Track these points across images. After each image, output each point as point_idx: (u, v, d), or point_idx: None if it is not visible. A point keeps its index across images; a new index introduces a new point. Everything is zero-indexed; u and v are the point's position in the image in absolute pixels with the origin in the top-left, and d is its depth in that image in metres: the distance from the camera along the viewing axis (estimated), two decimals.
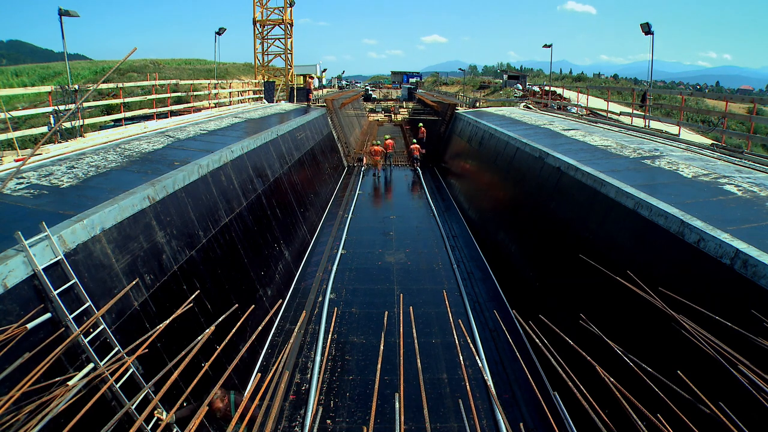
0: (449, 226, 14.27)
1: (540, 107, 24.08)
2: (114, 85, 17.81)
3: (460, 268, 10.77)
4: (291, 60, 29.81)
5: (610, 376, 3.58)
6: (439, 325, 8.17)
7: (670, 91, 32.75)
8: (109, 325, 4.47)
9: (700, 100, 30.45)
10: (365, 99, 52.08)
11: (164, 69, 37.33)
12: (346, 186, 19.86)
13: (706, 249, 4.70)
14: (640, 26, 16.58)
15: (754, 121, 12.71)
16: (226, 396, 4.11)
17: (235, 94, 24.13)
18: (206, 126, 12.91)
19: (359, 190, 18.50)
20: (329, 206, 16.46)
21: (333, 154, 21.83)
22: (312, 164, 16.76)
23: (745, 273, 4.12)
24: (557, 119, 17.10)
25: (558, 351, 4.13)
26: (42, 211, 5.03)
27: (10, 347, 3.27)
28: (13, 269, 3.70)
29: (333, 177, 19.61)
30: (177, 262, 6.04)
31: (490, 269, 10.70)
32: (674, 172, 7.68)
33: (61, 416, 3.14)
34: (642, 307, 4.76)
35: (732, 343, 3.63)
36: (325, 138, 21.14)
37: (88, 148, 8.87)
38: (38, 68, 43.47)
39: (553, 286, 7.63)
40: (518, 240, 10.08)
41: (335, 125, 23.95)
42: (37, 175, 6.50)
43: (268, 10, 29.19)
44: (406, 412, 4.62)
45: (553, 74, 35.13)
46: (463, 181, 18.24)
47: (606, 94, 22.50)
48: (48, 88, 11.11)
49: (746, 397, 3.28)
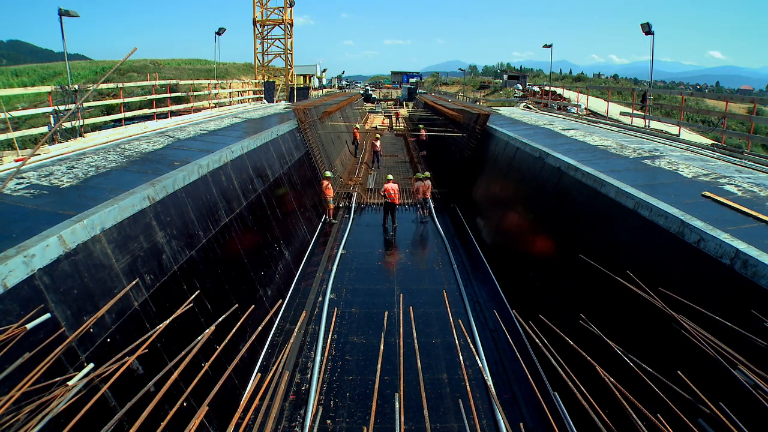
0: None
1: (540, 107, 24.07)
2: (114, 85, 17.84)
3: (460, 269, 10.77)
4: (291, 60, 29.80)
5: (610, 376, 3.58)
6: (439, 325, 8.17)
7: (670, 91, 32.76)
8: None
9: (700, 100, 30.45)
10: (365, 99, 52.05)
11: (164, 69, 37.32)
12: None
13: (706, 249, 4.70)
14: (640, 26, 16.59)
15: (754, 121, 12.72)
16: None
17: (235, 95, 24.13)
18: (206, 126, 12.92)
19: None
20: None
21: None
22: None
23: (745, 273, 4.12)
24: (557, 119, 17.11)
25: (558, 351, 4.13)
26: (42, 211, 5.03)
27: (10, 347, 3.28)
28: (13, 269, 3.70)
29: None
30: (177, 262, 6.04)
31: (490, 269, 10.70)
32: (674, 172, 7.68)
33: (61, 416, 3.14)
34: (642, 307, 4.76)
35: (732, 343, 3.63)
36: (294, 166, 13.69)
37: (88, 148, 8.87)
38: (38, 68, 43.47)
39: (553, 286, 7.63)
40: (518, 240, 10.08)
41: (312, 146, 15.94)
42: (37, 175, 6.50)
43: (268, 10, 29.22)
44: (406, 412, 4.62)
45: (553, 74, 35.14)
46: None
47: (606, 94, 22.50)
48: (48, 88, 11.12)
49: (746, 397, 3.28)
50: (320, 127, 18.68)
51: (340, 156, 22.08)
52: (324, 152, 17.71)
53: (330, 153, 19.50)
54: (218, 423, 5.48)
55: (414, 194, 15.19)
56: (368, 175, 20.97)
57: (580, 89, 27.25)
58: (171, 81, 19.59)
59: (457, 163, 17.07)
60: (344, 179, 18.83)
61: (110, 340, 4.41)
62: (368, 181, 19.70)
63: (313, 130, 16.92)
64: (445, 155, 20.15)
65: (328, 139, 20.42)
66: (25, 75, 40.55)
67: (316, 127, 17.86)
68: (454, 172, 17.04)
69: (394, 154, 26.87)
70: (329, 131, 20.89)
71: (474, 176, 15.02)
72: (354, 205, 15.55)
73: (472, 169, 15.41)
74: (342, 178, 18.85)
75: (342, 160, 22.06)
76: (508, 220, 11.24)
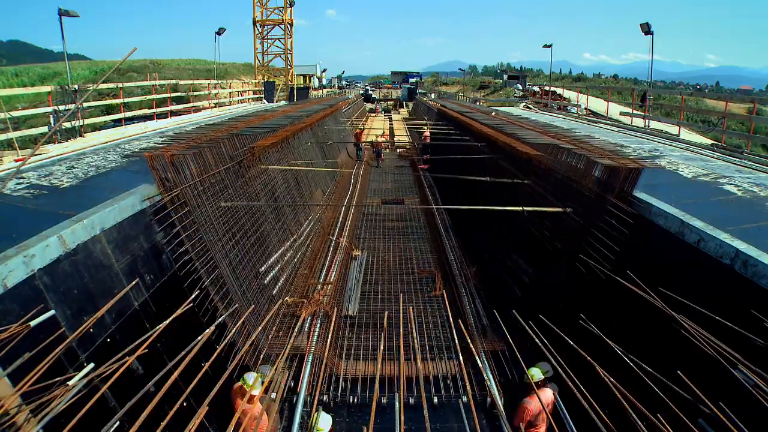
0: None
1: (540, 107, 24.08)
2: (114, 85, 17.86)
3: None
4: (291, 60, 29.83)
5: (610, 376, 3.58)
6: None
7: (670, 91, 32.79)
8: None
9: (699, 100, 30.48)
10: (365, 99, 52.06)
11: (164, 69, 37.36)
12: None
13: (706, 249, 4.70)
14: (639, 26, 16.61)
15: (754, 121, 12.73)
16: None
17: (235, 94, 24.14)
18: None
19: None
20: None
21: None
22: None
23: (745, 273, 4.12)
24: (557, 119, 17.11)
25: (558, 351, 4.13)
26: (42, 211, 5.03)
27: (11, 347, 3.28)
28: (12, 269, 3.70)
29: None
30: (177, 261, 6.04)
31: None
32: (674, 172, 7.68)
33: (61, 416, 3.14)
34: (642, 307, 4.76)
35: (732, 343, 3.63)
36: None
37: (88, 148, 8.88)
38: (38, 68, 43.50)
39: (554, 286, 7.62)
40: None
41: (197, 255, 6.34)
42: (37, 175, 6.51)
43: (268, 10, 29.27)
44: (406, 412, 4.61)
45: (553, 74, 35.14)
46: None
47: (606, 94, 22.51)
48: (48, 88, 11.13)
49: (746, 397, 3.28)
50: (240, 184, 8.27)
51: (317, 190, 13.64)
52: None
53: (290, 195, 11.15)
54: (218, 423, 5.48)
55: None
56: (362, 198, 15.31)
57: (579, 89, 27.26)
58: (171, 81, 19.61)
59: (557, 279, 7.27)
60: (298, 292, 8.45)
61: (110, 340, 4.41)
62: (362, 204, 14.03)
63: (207, 202, 6.63)
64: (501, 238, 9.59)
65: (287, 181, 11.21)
66: (25, 75, 40.58)
67: (229, 189, 7.57)
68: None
69: (397, 200, 15.48)
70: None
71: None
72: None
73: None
74: (296, 294, 8.45)
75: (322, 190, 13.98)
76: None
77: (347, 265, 10.17)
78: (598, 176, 6.43)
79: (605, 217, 6.06)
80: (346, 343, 7.41)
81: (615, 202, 6.02)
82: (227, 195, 7.31)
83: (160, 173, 5.84)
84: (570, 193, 7.18)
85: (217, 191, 7.01)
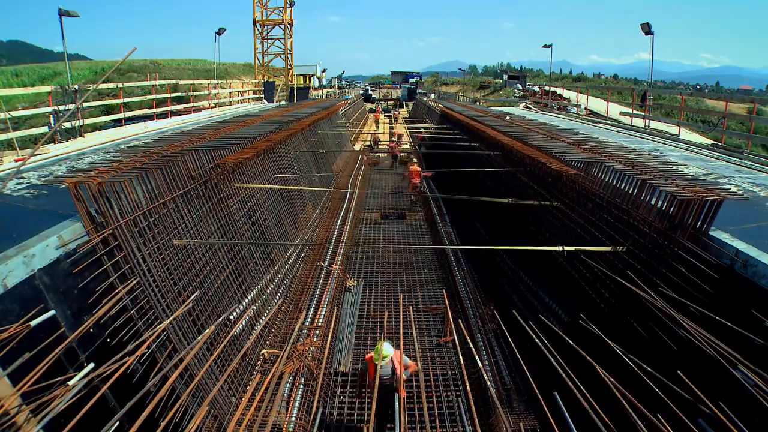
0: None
1: (540, 107, 24.09)
2: (114, 85, 17.86)
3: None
4: (291, 60, 29.84)
5: (610, 376, 3.58)
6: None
7: (670, 91, 32.80)
8: (110, 325, 4.47)
9: (699, 100, 30.48)
10: (365, 99, 52.06)
11: (164, 69, 37.38)
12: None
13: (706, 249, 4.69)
14: (640, 26, 16.61)
15: (754, 121, 12.73)
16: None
17: (235, 95, 24.14)
18: (206, 125, 12.88)
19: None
20: None
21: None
22: None
23: (745, 273, 4.12)
24: (557, 119, 17.11)
25: (558, 351, 4.13)
26: (42, 211, 5.03)
27: (11, 347, 3.28)
28: (13, 269, 3.70)
29: None
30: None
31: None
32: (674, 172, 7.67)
33: (61, 416, 3.14)
34: (642, 307, 4.76)
35: (732, 343, 3.63)
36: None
37: (88, 148, 8.88)
38: (38, 68, 43.54)
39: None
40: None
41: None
42: (37, 175, 6.51)
43: (268, 10, 29.29)
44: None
45: (553, 74, 35.14)
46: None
47: (606, 94, 22.52)
48: (48, 88, 11.14)
49: (746, 397, 3.28)
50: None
51: (308, 204, 12.51)
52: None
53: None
54: (218, 423, 5.47)
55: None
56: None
57: (579, 89, 27.27)
58: (171, 81, 19.62)
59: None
60: (279, 338, 7.42)
61: (110, 339, 4.40)
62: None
63: (155, 240, 5.46)
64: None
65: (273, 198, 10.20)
66: (25, 75, 40.62)
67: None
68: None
69: (398, 213, 14.54)
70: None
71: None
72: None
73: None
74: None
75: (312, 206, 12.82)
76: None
77: (340, 299, 8.88)
78: (662, 208, 5.02)
79: (672, 262, 4.75)
80: (336, 411, 6.16)
81: (689, 245, 4.59)
82: (187, 225, 6.13)
83: (86, 206, 4.54)
84: (618, 225, 5.87)
85: (171, 223, 5.75)
